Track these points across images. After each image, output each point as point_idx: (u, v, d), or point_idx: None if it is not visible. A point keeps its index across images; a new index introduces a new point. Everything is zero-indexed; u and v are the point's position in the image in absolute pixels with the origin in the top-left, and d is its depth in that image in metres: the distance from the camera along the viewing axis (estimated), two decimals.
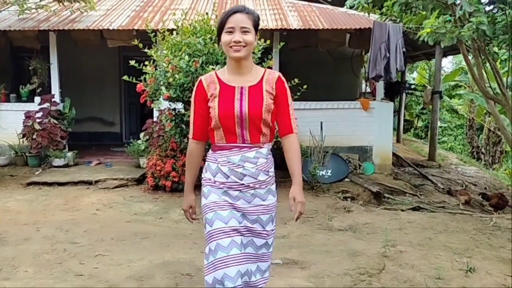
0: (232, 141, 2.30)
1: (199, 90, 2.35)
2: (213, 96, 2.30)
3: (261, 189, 2.33)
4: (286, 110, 2.36)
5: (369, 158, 8.44)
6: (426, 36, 4.17)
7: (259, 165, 2.31)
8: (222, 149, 2.32)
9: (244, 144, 2.30)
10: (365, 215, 5.80)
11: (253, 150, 2.30)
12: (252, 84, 2.30)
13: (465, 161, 12.70)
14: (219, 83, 2.32)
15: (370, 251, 4.35)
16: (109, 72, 10.45)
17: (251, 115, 2.25)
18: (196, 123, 2.37)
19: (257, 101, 2.27)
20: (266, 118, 2.28)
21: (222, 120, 2.26)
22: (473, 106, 16.42)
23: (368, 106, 8.36)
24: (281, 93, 2.35)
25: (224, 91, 2.29)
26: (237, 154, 2.29)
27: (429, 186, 8.47)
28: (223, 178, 2.31)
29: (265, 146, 2.35)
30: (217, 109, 2.26)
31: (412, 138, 16.42)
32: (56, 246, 4.45)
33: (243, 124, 2.27)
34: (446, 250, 4.42)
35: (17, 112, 8.17)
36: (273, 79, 2.34)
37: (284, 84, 2.37)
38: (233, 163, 2.29)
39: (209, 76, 2.37)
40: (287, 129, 2.37)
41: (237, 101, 2.27)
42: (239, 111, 2.25)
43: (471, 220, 5.71)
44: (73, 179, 7.10)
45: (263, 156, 2.33)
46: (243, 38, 2.22)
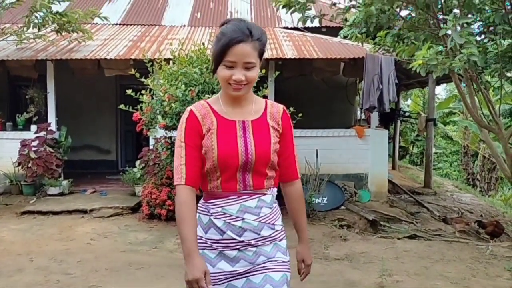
0: (230, 188, 1.87)
1: (192, 123, 1.87)
2: (210, 132, 1.86)
3: (265, 246, 1.90)
4: (291, 151, 2.00)
5: (365, 185, 8.44)
6: (418, 67, 4.25)
7: (262, 217, 1.89)
8: (216, 197, 1.89)
9: (245, 190, 1.88)
10: (362, 244, 5.78)
11: (255, 198, 1.89)
12: (255, 118, 1.91)
13: (460, 188, 12.73)
14: (215, 115, 1.89)
15: (367, 281, 4.33)
16: (106, 100, 10.51)
17: (258, 156, 1.86)
18: (189, 164, 1.85)
19: (264, 139, 1.89)
20: (273, 159, 1.90)
21: (222, 163, 1.84)
22: (467, 133, 16.53)
23: (363, 133, 8.42)
24: (287, 131, 1.98)
25: (223, 126, 1.87)
26: (235, 204, 1.87)
27: (425, 213, 8.45)
28: (217, 235, 1.87)
29: (269, 192, 1.94)
30: (216, 148, 1.84)
31: (408, 165, 16.47)
32: (49, 277, 4.41)
33: (247, 167, 1.86)
34: (442, 280, 4.41)
35: (13, 141, 8.17)
36: (277, 112, 1.97)
37: (290, 120, 2.00)
38: (229, 215, 1.86)
39: (200, 106, 1.92)
40: (292, 174, 2.01)
41: (240, 138, 1.87)
42: (244, 152, 1.85)
43: (467, 248, 5.70)
44: (67, 208, 7.06)
45: (267, 205, 1.91)
46: (246, 76, 1.81)
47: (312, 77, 8.74)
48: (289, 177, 2.01)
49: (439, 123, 16.11)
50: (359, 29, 5.82)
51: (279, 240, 1.94)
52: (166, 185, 6.61)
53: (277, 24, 10.61)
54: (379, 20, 5.46)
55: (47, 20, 7.76)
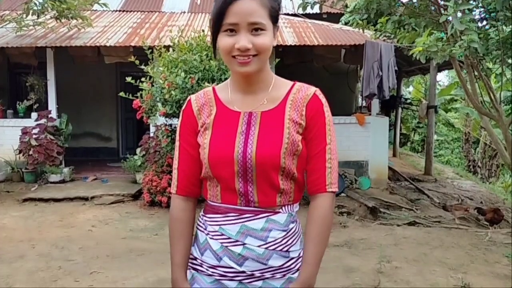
0: (230, 200, 1.43)
1: (187, 116, 1.50)
2: (204, 127, 1.46)
3: (275, 279, 1.43)
4: (320, 152, 1.43)
5: (365, 172, 8.46)
6: (418, 54, 4.23)
7: (271, 243, 1.41)
8: (215, 212, 1.46)
9: (247, 207, 1.42)
10: (361, 231, 5.81)
11: (261, 218, 1.42)
12: (267, 109, 1.43)
13: (461, 175, 12.74)
14: (217, 105, 1.47)
15: (366, 267, 4.36)
16: (106, 88, 10.50)
17: (260, 161, 1.38)
18: (182, 169, 1.50)
19: (273, 137, 1.40)
20: (287, 165, 1.39)
21: (214, 168, 1.41)
22: (468, 120, 16.49)
23: (364, 121, 8.41)
24: (316, 123, 1.43)
25: (222, 118, 1.45)
26: (235, 223, 1.42)
27: (425, 200, 8.48)
28: (213, 260, 1.45)
29: (284, 210, 1.44)
30: (207, 149, 1.42)
31: (409, 152, 16.46)
32: (51, 264, 4.44)
33: (248, 176, 1.40)
34: (441, 266, 4.43)
35: (14, 128, 8.19)
36: (303, 98, 1.44)
37: (323, 107, 1.45)
38: (227, 237, 1.43)
39: (203, 94, 1.51)
40: (317, 185, 1.44)
41: (240, 136, 1.41)
42: (241, 154, 1.39)
43: (466, 235, 5.72)
44: (69, 195, 7.09)
45: (279, 227, 1.43)
46: (255, 43, 1.34)
47: (313, 64, 8.71)
48: (312, 188, 1.45)
49: (441, 110, 16.06)
50: (360, 15, 5.78)
51: (294, 271, 1.44)
52: (167, 172, 6.63)
53: None
54: (380, 6, 5.43)
55: (46, 7, 7.72)
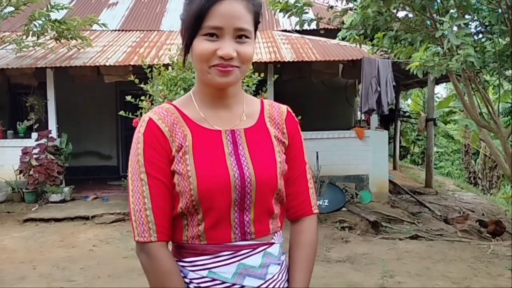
0: (221, 237, 1.21)
1: (152, 140, 1.21)
2: (182, 152, 1.21)
3: None
4: (302, 172, 1.34)
5: (366, 186, 8.45)
6: (415, 69, 4.27)
7: (270, 280, 1.25)
8: (198, 254, 1.21)
9: (244, 241, 1.22)
10: (363, 245, 5.79)
11: (259, 252, 1.24)
12: (248, 126, 1.28)
13: (462, 187, 12.73)
14: (188, 125, 1.24)
15: (368, 282, 4.34)
16: (106, 106, 10.55)
17: (260, 183, 1.21)
18: (158, 206, 1.19)
19: (266, 155, 1.25)
20: (282, 187, 1.27)
21: (206, 198, 1.18)
22: (468, 131, 16.54)
23: (363, 135, 8.43)
24: (295, 142, 1.34)
25: (202, 140, 1.23)
26: (230, 263, 1.21)
27: (426, 213, 8.46)
28: None
29: (276, 240, 1.30)
30: (194, 176, 1.18)
31: (409, 165, 16.47)
32: (52, 285, 4.43)
33: (245, 203, 1.21)
34: (444, 280, 4.41)
35: (14, 149, 8.20)
36: (279, 115, 1.33)
37: (298, 125, 1.38)
38: (221, 282, 1.20)
39: (165, 112, 1.25)
40: (304, 208, 1.34)
41: (230, 157, 1.22)
42: (238, 178, 1.20)
43: (469, 248, 5.71)
44: (69, 214, 7.08)
45: (275, 260, 1.27)
46: (240, 51, 1.17)
47: (311, 79, 8.76)
48: (298, 212, 1.33)
49: (440, 122, 16.11)
50: (357, 31, 5.85)
51: None
52: None
53: (275, 27, 10.62)
54: (376, 22, 5.49)
55: (46, 28, 7.80)
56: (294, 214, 1.34)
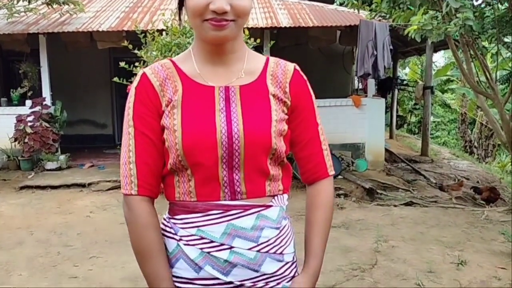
0: (210, 195, 1.18)
1: (144, 94, 1.20)
2: (171, 106, 1.19)
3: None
4: (313, 135, 1.30)
5: (362, 155, 8.47)
6: (414, 33, 4.20)
7: (264, 244, 1.20)
8: (188, 211, 1.20)
9: (234, 201, 1.19)
10: (358, 212, 5.84)
11: (252, 214, 1.19)
12: (245, 82, 1.22)
13: (457, 155, 12.78)
14: (182, 79, 1.21)
15: (363, 247, 4.39)
16: (100, 74, 10.42)
17: (249, 141, 1.17)
18: (141, 161, 1.19)
19: (260, 113, 1.20)
20: (278, 147, 1.20)
21: (191, 154, 1.15)
22: (465, 100, 16.52)
23: (360, 103, 8.39)
24: (304, 103, 1.28)
25: (193, 95, 1.20)
26: (219, 222, 1.18)
27: (421, 181, 8.51)
28: (189, 271, 1.20)
29: (275, 203, 1.24)
30: (179, 131, 1.16)
31: (405, 134, 16.49)
32: (50, 250, 4.46)
33: (234, 161, 1.17)
34: (438, 244, 4.46)
35: (9, 116, 8.13)
36: (284, 74, 1.26)
37: (307, 84, 1.30)
38: (209, 241, 1.18)
39: (160, 67, 1.23)
40: (318, 171, 1.30)
41: (219, 113, 1.18)
42: (225, 134, 1.16)
43: (463, 214, 5.76)
44: (66, 182, 7.08)
45: (272, 224, 1.22)
46: (234, 4, 1.12)
47: (308, 46, 8.65)
48: (313, 175, 1.30)
49: (437, 91, 16.05)
50: None
51: (289, 278, 1.25)
52: None
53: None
54: None
55: None
56: (309, 177, 1.31)
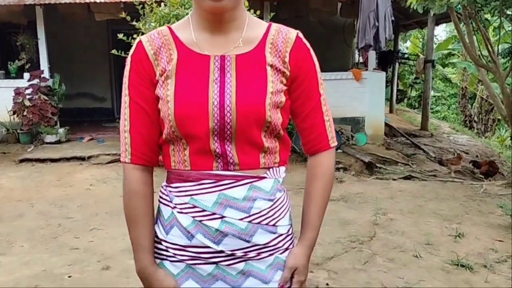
0: (203, 165, 1.18)
1: (137, 63, 1.19)
2: (165, 75, 1.18)
3: (260, 260, 1.21)
4: (315, 106, 1.26)
5: (362, 129, 8.46)
6: (416, 3, 4.14)
7: (256, 215, 1.19)
8: (183, 180, 1.20)
9: (226, 171, 1.18)
10: (357, 185, 5.86)
11: (244, 184, 1.18)
12: (243, 52, 1.18)
13: (457, 129, 12.78)
14: (178, 47, 1.19)
15: (361, 219, 4.42)
16: (98, 46, 10.31)
17: (241, 113, 1.14)
18: (136, 131, 1.21)
19: (254, 85, 1.16)
20: (273, 120, 1.17)
21: (183, 125, 1.15)
22: (466, 74, 16.41)
23: (361, 76, 8.33)
24: (306, 73, 1.23)
25: (187, 64, 1.18)
26: (211, 192, 1.18)
27: (421, 155, 8.53)
28: (182, 238, 1.20)
29: (270, 175, 1.22)
30: (172, 101, 1.15)
31: (405, 108, 16.44)
32: (50, 222, 4.49)
33: (225, 133, 1.16)
34: (436, 217, 4.50)
35: (6, 89, 8.08)
36: (285, 42, 1.21)
37: (310, 52, 1.24)
38: (201, 210, 1.18)
39: (156, 35, 1.21)
40: (319, 143, 1.28)
41: (213, 84, 1.15)
42: (217, 106, 1.14)
43: (461, 187, 5.79)
44: (65, 155, 7.09)
45: (265, 195, 1.20)
46: None
47: (309, 19, 8.53)
48: (314, 147, 1.28)
49: (438, 65, 15.94)
50: None
51: (282, 251, 1.24)
52: None
53: None
54: None
55: None
56: (310, 149, 1.29)
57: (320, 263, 3.44)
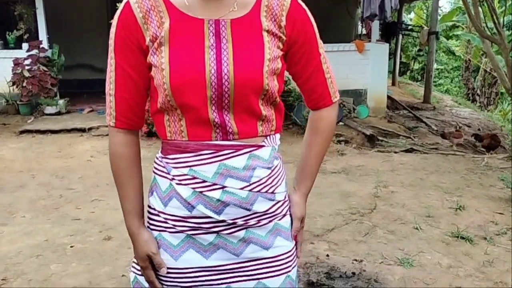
0: (201, 135, 1.15)
1: (124, 26, 1.14)
2: (157, 42, 1.12)
3: (260, 227, 1.21)
4: (316, 67, 1.25)
5: (364, 101, 8.40)
6: None
7: (256, 183, 1.18)
8: (180, 151, 1.17)
9: (225, 141, 1.16)
10: (358, 158, 5.85)
11: (244, 154, 1.17)
12: (237, 16, 1.14)
13: (460, 102, 12.71)
14: (169, 11, 1.13)
15: (362, 192, 4.42)
16: (97, 16, 10.12)
17: (239, 82, 1.11)
18: (120, 96, 1.18)
19: (251, 53, 1.13)
20: (270, 87, 1.15)
21: (179, 95, 1.11)
22: (469, 47, 16.21)
23: (363, 48, 8.22)
24: (304, 36, 1.21)
25: (180, 29, 1.12)
26: (211, 162, 1.16)
27: (423, 128, 8.50)
28: (182, 210, 1.18)
29: (267, 143, 1.21)
30: (167, 70, 1.10)
31: (408, 81, 16.31)
32: (52, 192, 4.50)
33: (223, 102, 1.13)
34: (437, 190, 4.50)
35: (5, 60, 7.98)
36: (280, 5, 1.17)
37: (307, 13, 1.21)
38: (201, 181, 1.16)
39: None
40: (322, 99, 1.28)
41: (209, 51, 1.11)
42: (215, 74, 1.10)
43: (463, 160, 5.77)
44: (66, 126, 7.07)
45: (264, 163, 1.20)
46: None
47: None
48: (317, 104, 1.29)
49: (442, 37, 15.73)
50: None
51: (280, 217, 1.25)
52: None
53: None
54: None
55: None
56: (313, 106, 1.31)
57: (321, 234, 3.46)
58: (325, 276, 2.85)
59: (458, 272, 2.92)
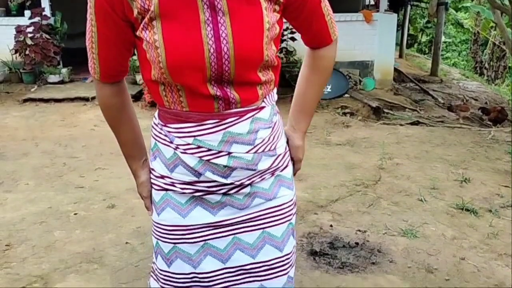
0: (202, 107, 1.12)
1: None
2: (147, 18, 1.04)
3: (264, 181, 1.23)
4: (316, 11, 1.19)
5: (370, 73, 8.28)
6: None
7: (260, 144, 1.18)
8: (182, 121, 1.14)
9: (229, 110, 1.13)
10: (364, 130, 5.80)
11: (247, 119, 1.15)
12: None
13: (467, 76, 12.54)
14: None
15: (367, 164, 4.39)
16: None
17: (239, 59, 1.06)
18: (104, 57, 1.14)
19: (250, 25, 1.06)
20: (270, 57, 1.11)
21: (176, 75, 1.06)
22: (479, 19, 15.90)
23: (371, 18, 8.05)
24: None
25: (173, 5, 1.03)
26: (216, 131, 1.13)
27: (429, 101, 8.40)
28: (189, 176, 1.17)
29: (267, 102, 1.20)
30: (162, 49, 1.03)
31: (415, 53, 16.09)
32: (55, 161, 4.49)
33: (223, 79, 1.09)
34: (442, 162, 4.46)
35: (8, 27, 7.87)
36: None
37: None
38: (206, 149, 1.14)
39: None
40: (322, 40, 1.26)
41: (205, 26, 1.04)
42: (214, 55, 1.05)
43: (469, 133, 5.71)
44: (69, 95, 7.02)
45: (265, 124, 1.19)
46: None
47: None
48: (318, 45, 1.27)
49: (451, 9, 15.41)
50: None
51: (282, 168, 1.27)
52: None
53: None
54: None
55: None
56: (314, 46, 1.30)
57: (325, 205, 3.45)
58: (328, 246, 2.84)
59: (462, 244, 2.91)
